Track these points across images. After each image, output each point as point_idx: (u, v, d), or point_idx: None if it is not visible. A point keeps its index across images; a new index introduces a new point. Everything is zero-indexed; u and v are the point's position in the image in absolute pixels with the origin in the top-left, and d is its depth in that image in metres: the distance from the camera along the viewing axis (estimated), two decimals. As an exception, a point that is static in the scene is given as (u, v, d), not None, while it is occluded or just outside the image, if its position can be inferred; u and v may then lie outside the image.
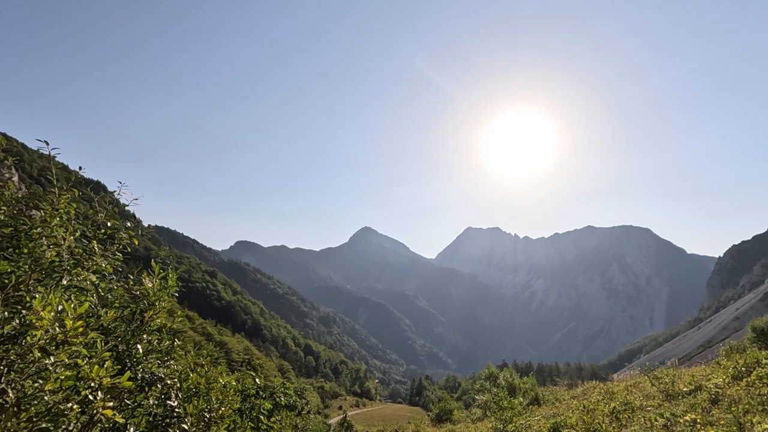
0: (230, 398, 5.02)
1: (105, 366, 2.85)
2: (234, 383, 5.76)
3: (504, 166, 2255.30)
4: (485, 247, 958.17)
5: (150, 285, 4.10)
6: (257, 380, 7.93)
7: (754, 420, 5.64)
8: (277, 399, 8.92)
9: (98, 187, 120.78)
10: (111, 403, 2.83)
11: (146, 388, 4.03)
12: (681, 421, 6.66)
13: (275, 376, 67.05)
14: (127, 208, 5.71)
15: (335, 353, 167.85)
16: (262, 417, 7.28)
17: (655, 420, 7.24)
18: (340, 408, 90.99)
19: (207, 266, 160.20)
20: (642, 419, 7.80)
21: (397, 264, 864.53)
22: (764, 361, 9.19)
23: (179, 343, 4.78)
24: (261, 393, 8.08)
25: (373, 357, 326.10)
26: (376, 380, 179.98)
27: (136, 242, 4.35)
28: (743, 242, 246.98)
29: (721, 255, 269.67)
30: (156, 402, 4.10)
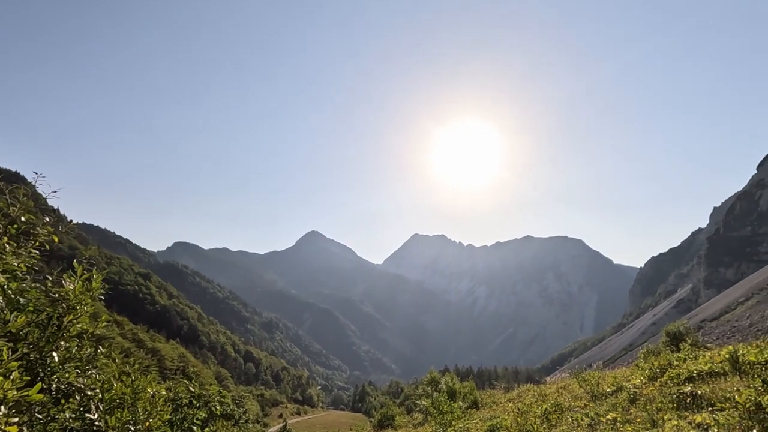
0: (159, 409, 4.70)
1: (11, 377, 2.56)
2: (165, 392, 5.42)
3: (450, 175, 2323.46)
4: (431, 254, 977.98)
5: (71, 287, 3.75)
6: (191, 388, 7.52)
7: (665, 417, 6.14)
8: (213, 408, 8.51)
9: (16, 178, 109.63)
10: (17, 419, 2.54)
11: (62, 401, 3.66)
12: (603, 420, 7.13)
13: (211, 384, 63.99)
14: (48, 202, 5.22)
15: (277, 360, 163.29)
16: (195, 428, 6.89)
17: (582, 419, 7.69)
18: (281, 416, 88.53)
19: (140, 268, 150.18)
20: (570, 419, 8.26)
21: (345, 269, 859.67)
22: (675, 362, 10.09)
23: (103, 350, 4.42)
24: (195, 402, 7.66)
25: (316, 363, 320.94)
26: (319, 387, 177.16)
27: (56, 239, 3.98)
28: (660, 254, 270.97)
29: (642, 266, 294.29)
30: (73, 415, 3.73)
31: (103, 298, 4.29)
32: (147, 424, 4.35)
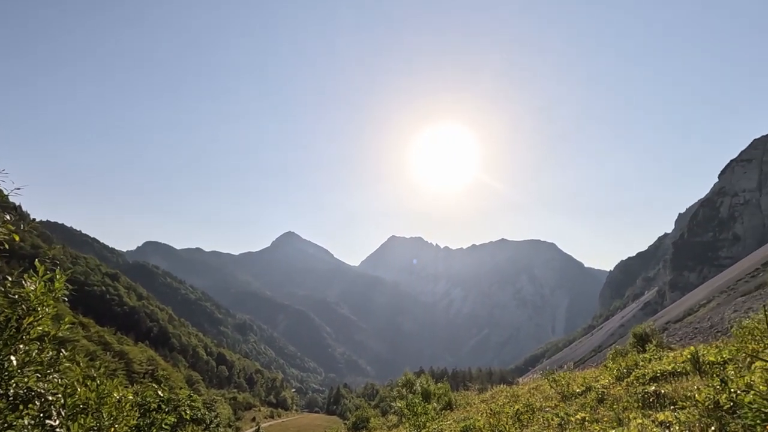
0: (126, 414, 4.54)
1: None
2: (132, 397, 5.24)
3: (429, 178, 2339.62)
4: (408, 256, 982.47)
5: (32, 287, 3.59)
6: (160, 393, 7.29)
7: (631, 416, 6.34)
8: (183, 413, 8.29)
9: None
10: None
11: (21, 407, 3.49)
12: (573, 419, 7.31)
13: (182, 388, 62.23)
14: (11, 199, 5.00)
15: (251, 362, 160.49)
16: (163, 433, 6.69)
17: (552, 419, 7.87)
18: (254, 420, 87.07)
19: (108, 268, 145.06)
20: (541, 419, 8.44)
21: (321, 270, 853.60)
22: (641, 363, 10.44)
23: (67, 353, 4.24)
24: (164, 406, 7.44)
25: (291, 366, 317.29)
26: (293, 390, 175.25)
27: (17, 238, 3.80)
28: (629, 258, 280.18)
29: (612, 269, 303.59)
30: (33, 422, 3.56)
31: (66, 299, 4.12)
32: (112, 430, 4.20)
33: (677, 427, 5.09)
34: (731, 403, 4.79)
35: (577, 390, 10.42)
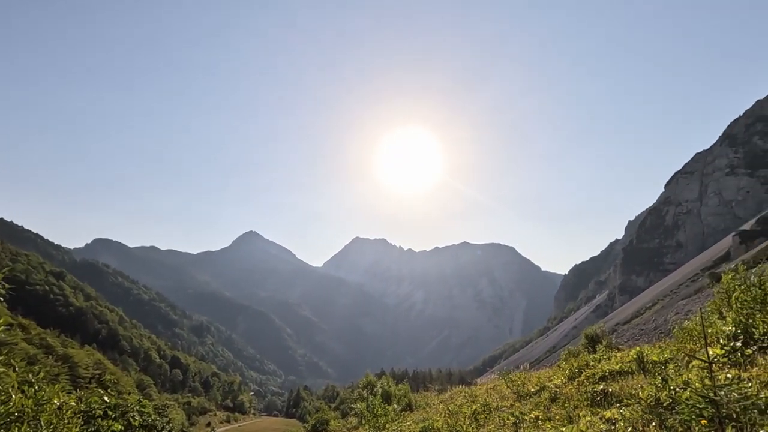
0: (67, 422, 4.27)
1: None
2: (74, 403, 4.94)
3: (394, 180, 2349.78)
4: (372, 257, 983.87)
5: (-38, 286, 3.31)
6: (106, 398, 6.91)
7: (581, 414, 6.62)
8: (131, 419, 7.88)
9: None
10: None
11: (-55, 416, 3.21)
12: (527, 418, 7.56)
13: (131, 393, 59.29)
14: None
15: (207, 365, 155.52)
16: (108, 441, 6.33)
17: (507, 419, 8.09)
18: (209, 425, 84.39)
19: (53, 266, 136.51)
20: (497, 418, 8.67)
21: (283, 271, 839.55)
22: (591, 363, 10.93)
23: (1, 357, 3.94)
24: (110, 413, 7.05)
25: (249, 368, 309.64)
26: (252, 393, 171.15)
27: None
28: (583, 262, 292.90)
29: (566, 273, 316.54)
30: (-42, 432, 3.29)
31: (3, 299, 3.84)
32: (51, 438, 3.93)
33: (622, 424, 5.37)
34: (671, 400, 5.09)
35: (532, 390, 10.77)
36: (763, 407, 4.12)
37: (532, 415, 7.67)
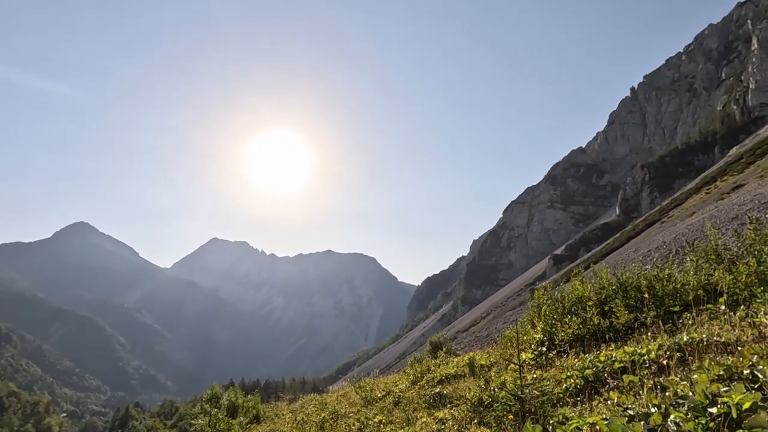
0: None
1: None
2: None
3: (259, 182, 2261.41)
4: (230, 260, 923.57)
5: None
6: None
7: (419, 415, 7.22)
8: None
9: None
10: None
11: None
12: (371, 422, 7.91)
13: None
14: None
15: (2, 383, 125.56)
16: None
17: (353, 424, 8.35)
18: (-4, 458, 67.86)
19: None
20: (343, 425, 8.86)
21: (121, 271, 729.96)
22: (432, 368, 11.99)
23: None
24: None
25: (64, 385, 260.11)
26: (64, 414, 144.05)
27: None
28: (433, 275, 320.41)
29: (419, 284, 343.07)
30: None
31: None
32: None
33: (450, 423, 6.02)
34: (490, 399, 5.88)
35: (379, 395, 11.31)
36: (555, 401, 5.06)
37: (376, 419, 8.05)
